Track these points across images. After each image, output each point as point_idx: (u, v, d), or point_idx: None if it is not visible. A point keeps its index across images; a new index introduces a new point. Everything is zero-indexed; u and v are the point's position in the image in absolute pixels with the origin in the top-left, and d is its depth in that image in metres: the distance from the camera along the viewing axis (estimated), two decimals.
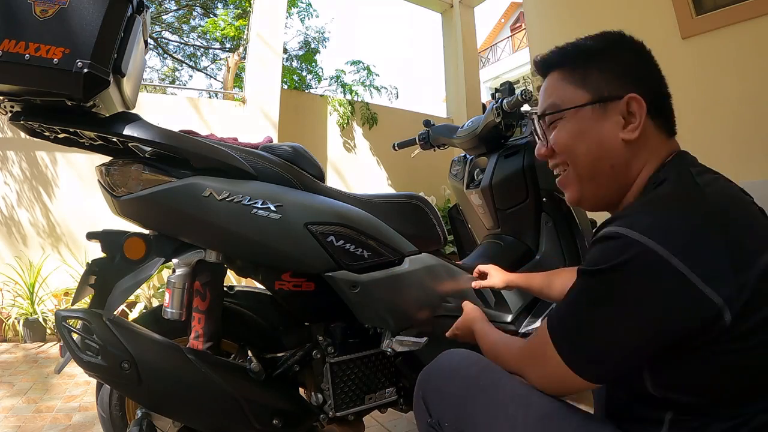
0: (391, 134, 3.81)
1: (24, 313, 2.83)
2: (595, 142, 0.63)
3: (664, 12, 2.86)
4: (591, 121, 0.63)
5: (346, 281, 1.01)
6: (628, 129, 0.61)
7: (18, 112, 0.82)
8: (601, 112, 0.62)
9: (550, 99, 0.67)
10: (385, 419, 1.60)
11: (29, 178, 3.09)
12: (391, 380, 1.15)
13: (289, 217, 0.95)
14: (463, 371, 0.68)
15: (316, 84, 7.63)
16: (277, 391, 1.01)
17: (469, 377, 0.67)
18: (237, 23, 6.05)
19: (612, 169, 0.63)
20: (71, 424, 1.61)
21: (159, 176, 0.90)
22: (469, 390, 0.65)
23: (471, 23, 5.26)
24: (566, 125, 0.65)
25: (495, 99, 1.45)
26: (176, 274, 0.95)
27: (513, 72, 14.08)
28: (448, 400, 0.67)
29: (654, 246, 0.49)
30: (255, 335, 1.10)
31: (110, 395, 1.00)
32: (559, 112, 0.65)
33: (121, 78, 0.81)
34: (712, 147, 2.66)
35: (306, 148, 1.11)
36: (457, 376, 0.68)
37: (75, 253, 3.09)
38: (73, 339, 0.83)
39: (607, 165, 0.63)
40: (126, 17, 0.80)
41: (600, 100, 0.62)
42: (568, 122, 0.65)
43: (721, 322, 0.48)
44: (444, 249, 1.32)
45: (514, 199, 1.44)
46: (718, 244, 0.50)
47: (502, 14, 17.58)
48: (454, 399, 0.66)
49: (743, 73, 2.55)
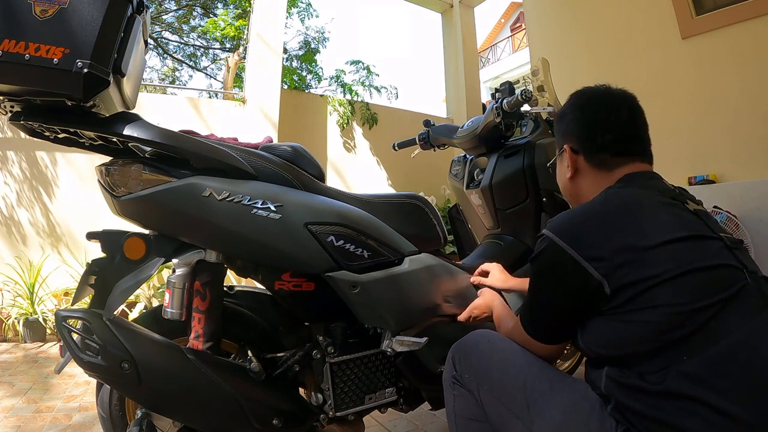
0: (391, 134, 3.81)
1: (24, 313, 2.83)
2: (559, 181, 0.93)
3: (664, 12, 2.86)
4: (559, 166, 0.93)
5: (346, 281, 1.01)
6: (569, 170, 0.86)
7: (18, 112, 0.82)
8: (560, 160, 0.91)
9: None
10: (385, 419, 1.60)
11: (29, 178, 3.09)
12: (391, 380, 1.15)
13: (289, 217, 0.95)
14: (487, 341, 0.87)
15: (316, 84, 7.63)
16: (277, 391, 1.01)
17: (490, 343, 0.86)
18: (237, 23, 6.05)
19: (572, 198, 0.91)
20: (71, 424, 1.61)
21: (159, 176, 0.90)
22: (489, 352, 0.84)
23: (471, 23, 5.26)
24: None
25: (495, 99, 1.45)
26: (176, 274, 0.95)
27: (513, 72, 14.09)
28: (471, 360, 0.85)
29: (554, 238, 0.71)
30: (255, 335, 1.10)
31: (110, 395, 0.99)
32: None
33: (121, 78, 0.81)
34: (711, 147, 2.66)
35: (306, 148, 1.11)
36: (482, 342, 0.87)
37: (75, 253, 3.09)
38: (73, 339, 0.83)
39: (568, 196, 0.92)
40: (126, 17, 0.80)
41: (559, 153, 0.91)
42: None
43: (603, 293, 0.66)
44: (444, 249, 1.32)
45: (514, 199, 1.44)
46: (599, 234, 0.68)
47: (502, 14, 17.58)
48: (477, 359, 0.85)
49: (743, 73, 2.55)
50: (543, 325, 0.78)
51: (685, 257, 0.64)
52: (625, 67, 3.06)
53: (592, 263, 0.66)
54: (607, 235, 0.68)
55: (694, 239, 0.66)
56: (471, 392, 0.84)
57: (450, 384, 0.88)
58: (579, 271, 0.67)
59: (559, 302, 0.73)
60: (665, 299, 0.62)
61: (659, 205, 0.71)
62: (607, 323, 0.68)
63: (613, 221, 0.69)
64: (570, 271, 0.68)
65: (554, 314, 0.76)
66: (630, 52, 3.08)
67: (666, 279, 0.63)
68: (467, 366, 0.85)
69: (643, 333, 0.64)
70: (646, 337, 0.64)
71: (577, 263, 0.67)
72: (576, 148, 0.85)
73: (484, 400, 0.81)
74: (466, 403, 0.85)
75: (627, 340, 0.66)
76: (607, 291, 0.65)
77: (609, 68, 3.17)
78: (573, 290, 0.70)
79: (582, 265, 0.67)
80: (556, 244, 0.70)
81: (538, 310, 0.78)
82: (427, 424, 1.60)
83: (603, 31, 3.29)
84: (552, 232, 0.72)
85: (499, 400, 0.78)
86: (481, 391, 0.81)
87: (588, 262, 0.66)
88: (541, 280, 0.78)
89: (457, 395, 0.86)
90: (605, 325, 0.68)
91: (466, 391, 0.84)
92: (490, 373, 0.81)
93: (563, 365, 1.85)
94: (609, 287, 0.65)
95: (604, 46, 3.26)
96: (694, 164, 2.71)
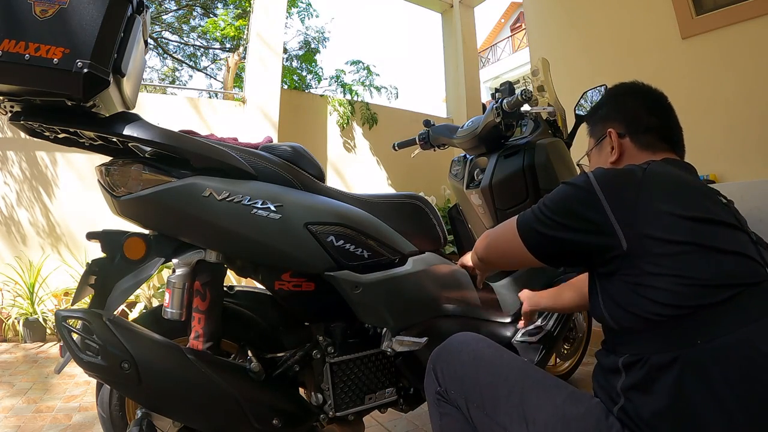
0: (391, 134, 3.81)
1: (24, 313, 2.83)
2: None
3: (664, 12, 2.86)
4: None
5: (348, 282, 1.01)
6: (613, 154, 0.85)
7: (18, 112, 0.82)
8: (599, 147, 0.90)
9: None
10: (385, 419, 1.60)
11: (29, 178, 3.09)
12: (391, 380, 1.15)
13: (289, 217, 0.95)
14: (470, 349, 0.80)
15: (316, 84, 7.63)
16: (277, 391, 1.01)
17: (474, 352, 0.79)
18: (237, 23, 6.05)
19: None
20: (71, 424, 1.61)
21: (159, 176, 0.90)
22: (474, 363, 0.77)
23: (471, 23, 5.26)
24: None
25: (495, 99, 1.44)
26: (176, 274, 0.95)
27: (513, 72, 14.09)
28: (455, 372, 0.78)
29: (593, 179, 0.70)
30: (255, 335, 1.10)
31: (110, 395, 0.99)
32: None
33: (121, 78, 0.81)
34: (711, 147, 2.66)
35: (306, 148, 1.11)
36: (464, 351, 0.80)
37: (75, 253, 3.09)
38: (73, 339, 0.83)
39: None
40: (126, 17, 0.80)
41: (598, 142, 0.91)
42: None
43: (619, 246, 0.64)
44: (444, 249, 1.32)
45: (514, 199, 1.44)
46: (630, 195, 0.67)
47: (502, 14, 17.58)
48: (461, 371, 0.78)
49: (743, 73, 2.55)
50: (539, 226, 0.72)
51: (714, 236, 0.63)
52: (626, 66, 3.06)
53: (620, 222, 0.65)
54: (643, 197, 0.66)
55: (725, 225, 0.66)
56: (459, 409, 0.77)
57: (434, 400, 0.81)
58: (602, 211, 0.66)
59: (567, 221, 0.69)
60: (688, 270, 0.61)
61: (697, 187, 0.71)
62: (625, 286, 0.65)
63: (652, 185, 0.68)
64: (593, 206, 0.67)
65: (556, 224, 0.70)
66: (630, 52, 3.08)
67: (692, 250, 0.62)
68: (451, 379, 0.79)
69: (664, 299, 0.61)
70: (665, 303, 0.61)
71: (602, 206, 0.66)
72: (621, 131, 0.85)
73: (474, 417, 0.75)
74: (454, 421, 0.78)
75: (644, 306, 0.63)
76: (624, 246, 0.64)
77: (609, 68, 3.17)
78: (585, 223, 0.67)
79: (606, 211, 0.65)
80: (591, 184, 0.69)
81: (540, 220, 0.72)
82: (427, 424, 1.58)
83: (603, 31, 3.29)
84: (594, 175, 0.70)
85: (492, 418, 0.72)
86: (471, 408, 0.75)
87: (615, 219, 0.65)
88: (561, 196, 0.72)
89: (443, 413, 0.80)
90: (623, 287, 0.66)
91: (453, 407, 0.78)
92: (478, 387, 0.74)
93: (563, 365, 1.85)
94: (626, 244, 0.63)
95: (605, 46, 3.26)
96: (693, 164, 2.69)
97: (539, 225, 0.72)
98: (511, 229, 0.78)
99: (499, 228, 0.84)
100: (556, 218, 0.70)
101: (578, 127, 1.57)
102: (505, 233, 0.80)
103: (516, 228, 0.76)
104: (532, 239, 0.74)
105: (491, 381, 0.74)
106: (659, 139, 0.83)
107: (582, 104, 1.53)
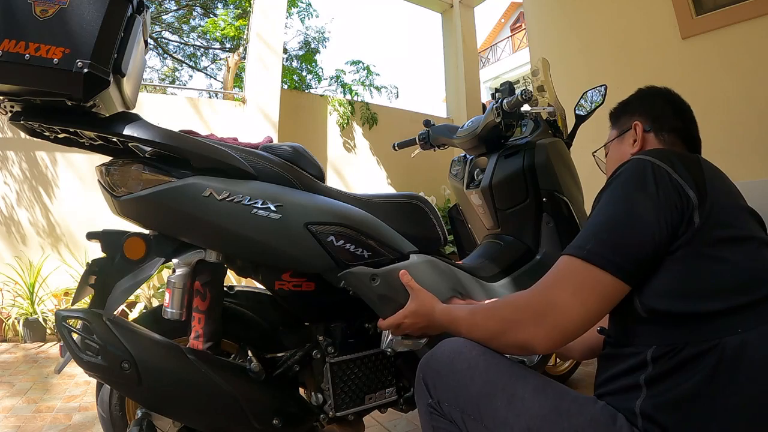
0: (391, 134, 3.82)
1: (24, 313, 2.83)
2: (617, 159, 0.87)
3: (664, 12, 2.86)
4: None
5: (365, 273, 1.01)
6: (635, 146, 0.85)
7: (18, 112, 0.82)
8: (621, 139, 0.91)
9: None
10: (385, 419, 1.60)
11: (29, 178, 3.09)
12: (391, 380, 1.15)
13: (289, 217, 0.95)
14: (462, 355, 0.73)
15: (316, 84, 7.64)
16: (277, 391, 1.01)
17: (467, 360, 0.72)
18: (237, 23, 6.06)
19: None
20: (71, 424, 1.61)
21: (159, 176, 0.90)
22: (467, 371, 0.71)
23: (471, 23, 5.26)
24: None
25: (495, 99, 1.44)
26: (176, 274, 0.95)
27: (513, 72, 14.10)
28: (448, 382, 0.72)
29: (649, 158, 0.66)
30: (255, 335, 1.10)
31: (110, 395, 0.99)
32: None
33: (121, 78, 0.81)
34: (711, 147, 2.65)
35: (306, 148, 1.11)
36: (456, 359, 0.73)
37: (75, 253, 3.09)
38: (73, 339, 0.83)
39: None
40: (126, 17, 0.80)
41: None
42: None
43: (693, 220, 0.61)
44: (444, 249, 1.32)
45: (514, 199, 1.44)
46: (692, 168, 0.65)
47: (502, 14, 17.58)
48: (454, 381, 0.71)
49: (743, 73, 2.55)
50: (617, 241, 0.63)
51: (761, 231, 0.65)
52: (626, 66, 3.05)
53: (688, 184, 0.63)
54: (704, 173, 0.66)
55: (760, 223, 0.68)
56: (454, 422, 0.71)
57: (426, 413, 0.75)
58: (677, 188, 0.63)
59: (647, 215, 0.62)
60: (744, 255, 0.61)
61: (725, 177, 0.73)
62: (680, 263, 0.62)
63: (708, 168, 0.69)
64: (667, 184, 0.63)
65: (636, 229, 0.62)
66: (630, 52, 3.08)
67: (749, 237, 0.63)
68: (443, 390, 0.72)
69: (718, 277, 0.60)
70: (719, 281, 0.60)
71: (676, 181, 0.63)
72: (647, 127, 0.86)
73: (471, 431, 0.69)
74: None
75: (694, 285, 0.61)
76: (696, 220, 0.61)
77: (609, 68, 3.17)
78: (668, 204, 0.62)
79: (680, 183, 0.63)
80: (651, 161, 0.65)
81: (613, 225, 0.64)
82: None
83: (603, 31, 3.29)
84: (647, 154, 0.68)
85: (491, 430, 0.66)
86: (467, 421, 0.69)
87: (684, 182, 0.63)
88: (624, 191, 0.66)
89: (437, 427, 0.73)
90: (674, 266, 0.62)
91: (447, 421, 0.72)
92: (475, 398, 0.68)
93: (563, 365, 1.85)
94: (699, 217, 0.61)
95: (605, 46, 3.26)
96: None
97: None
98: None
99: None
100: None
101: (578, 127, 1.56)
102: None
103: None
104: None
105: (488, 391, 0.68)
106: (681, 141, 0.86)
107: (582, 104, 1.53)
